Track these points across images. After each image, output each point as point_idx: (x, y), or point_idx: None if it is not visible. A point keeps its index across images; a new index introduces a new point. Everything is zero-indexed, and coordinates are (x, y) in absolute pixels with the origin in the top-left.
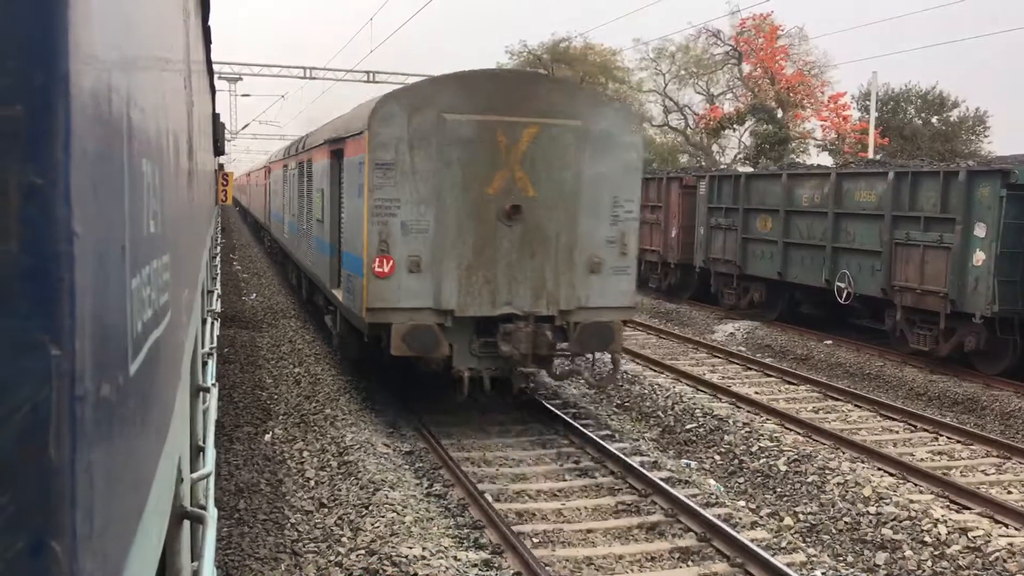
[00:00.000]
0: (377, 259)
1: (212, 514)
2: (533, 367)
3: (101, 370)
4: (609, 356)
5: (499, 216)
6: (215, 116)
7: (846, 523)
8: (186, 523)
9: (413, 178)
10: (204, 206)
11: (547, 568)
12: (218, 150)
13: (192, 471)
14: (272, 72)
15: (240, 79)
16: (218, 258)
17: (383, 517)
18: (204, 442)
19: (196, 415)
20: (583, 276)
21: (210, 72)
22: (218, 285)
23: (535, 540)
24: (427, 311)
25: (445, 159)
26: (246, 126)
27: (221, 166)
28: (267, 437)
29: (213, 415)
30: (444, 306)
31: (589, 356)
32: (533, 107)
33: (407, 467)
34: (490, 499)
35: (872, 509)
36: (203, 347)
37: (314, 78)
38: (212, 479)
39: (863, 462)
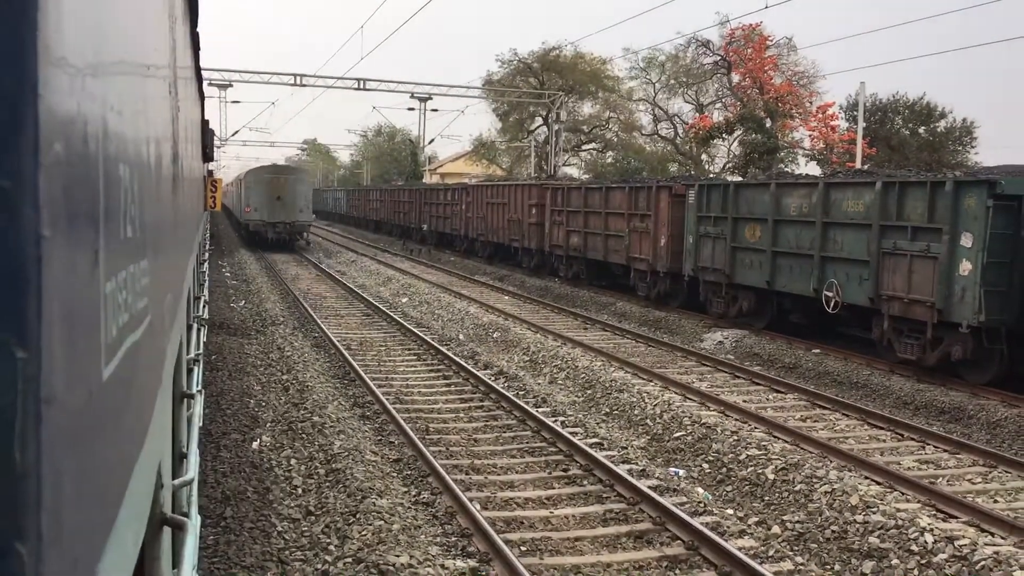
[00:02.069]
0: (246, 208)
1: (194, 521)
2: (286, 237)
3: (71, 373)
4: (306, 235)
5: (275, 199)
6: (204, 122)
7: (833, 532)
8: (167, 530)
9: (256, 190)
10: (191, 212)
11: None
12: (207, 156)
13: (175, 478)
14: (262, 79)
15: (230, 86)
16: (206, 264)
17: (370, 525)
18: (188, 448)
19: (179, 421)
20: (297, 212)
21: (199, 78)
22: (205, 291)
23: (523, 549)
24: (259, 219)
25: (263, 185)
26: (236, 133)
27: (210, 172)
28: (255, 444)
29: (198, 422)
30: (263, 218)
31: (300, 235)
32: (285, 172)
33: (395, 475)
34: (479, 507)
35: (859, 518)
36: (188, 353)
37: (304, 85)
38: (195, 486)
39: (850, 471)
